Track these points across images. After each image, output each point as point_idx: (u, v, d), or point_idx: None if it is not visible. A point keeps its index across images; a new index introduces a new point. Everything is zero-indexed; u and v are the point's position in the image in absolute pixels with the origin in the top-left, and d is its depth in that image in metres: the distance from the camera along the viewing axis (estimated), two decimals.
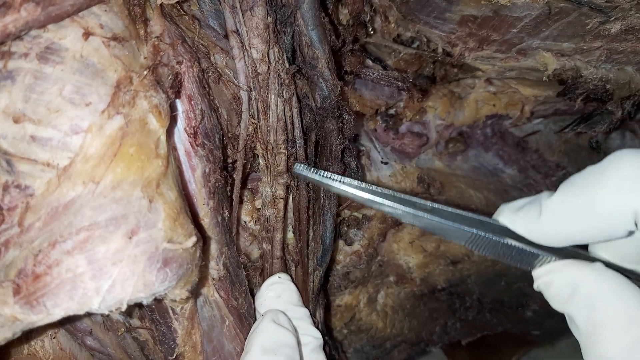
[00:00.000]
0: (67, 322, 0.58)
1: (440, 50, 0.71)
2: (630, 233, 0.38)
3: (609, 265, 0.42)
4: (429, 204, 0.47)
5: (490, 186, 0.86)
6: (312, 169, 0.53)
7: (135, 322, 0.54)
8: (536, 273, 0.44)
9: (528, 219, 0.42)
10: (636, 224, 0.37)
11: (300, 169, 0.52)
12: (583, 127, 0.77)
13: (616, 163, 0.37)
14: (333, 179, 0.50)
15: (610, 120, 0.73)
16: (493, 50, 0.68)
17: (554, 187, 0.86)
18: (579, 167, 0.92)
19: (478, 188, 0.84)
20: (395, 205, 0.47)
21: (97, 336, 0.58)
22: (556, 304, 0.43)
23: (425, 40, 0.71)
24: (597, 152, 0.92)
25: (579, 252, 0.43)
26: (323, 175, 0.51)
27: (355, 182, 0.50)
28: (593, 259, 0.43)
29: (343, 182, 0.50)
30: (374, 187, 0.50)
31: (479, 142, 0.88)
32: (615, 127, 0.75)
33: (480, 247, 0.45)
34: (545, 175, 0.89)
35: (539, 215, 0.41)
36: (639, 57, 0.64)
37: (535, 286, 0.45)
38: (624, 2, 0.56)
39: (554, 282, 0.42)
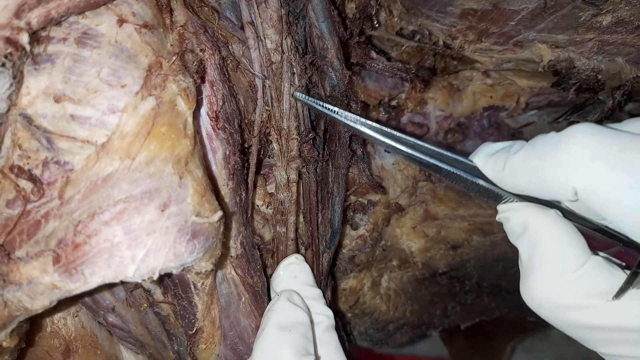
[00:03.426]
0: (90, 299, 0.61)
1: (441, 43, 0.74)
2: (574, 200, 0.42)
3: (566, 212, 0.46)
4: (411, 139, 0.52)
5: None
6: (312, 99, 0.58)
7: (159, 296, 0.57)
8: (499, 208, 0.49)
9: (495, 167, 0.46)
10: (576, 195, 0.40)
11: (302, 97, 0.59)
12: (576, 117, 0.81)
13: (569, 139, 0.40)
14: (331, 110, 0.56)
15: (602, 110, 0.77)
16: (491, 42, 0.72)
17: None
18: None
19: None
20: (381, 137, 0.52)
21: (119, 313, 0.61)
22: (511, 237, 0.48)
23: (427, 33, 0.74)
24: None
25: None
26: (323, 106, 0.57)
27: (350, 115, 0.55)
28: (551, 206, 0.46)
29: (338, 113, 0.56)
30: (365, 121, 0.54)
31: (476, 133, 0.91)
32: (606, 116, 0.79)
33: (454, 181, 0.50)
34: None
35: (503, 168, 0.45)
36: (628, 49, 0.68)
37: (497, 217, 0.50)
38: None
39: (510, 219, 0.47)
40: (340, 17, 0.68)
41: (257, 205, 0.68)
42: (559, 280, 0.43)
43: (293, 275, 0.63)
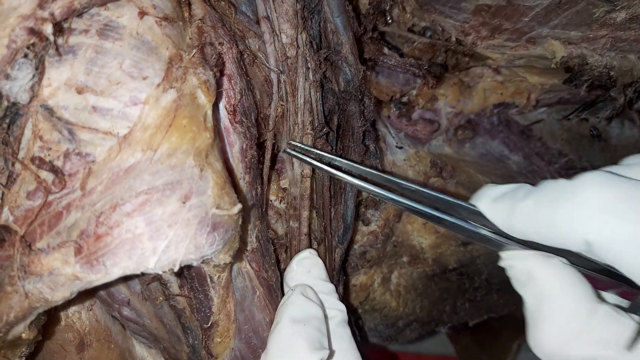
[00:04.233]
0: (105, 293, 0.61)
1: (453, 39, 0.74)
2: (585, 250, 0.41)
3: (571, 255, 0.45)
4: (413, 186, 0.52)
5: (497, 172, 0.90)
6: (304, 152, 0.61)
7: (175, 289, 0.57)
8: (502, 254, 0.49)
9: (501, 213, 0.45)
10: (588, 245, 0.39)
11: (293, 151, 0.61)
12: (587, 114, 0.82)
13: (582, 190, 0.39)
14: (320, 162, 0.59)
15: (613, 106, 0.77)
16: (504, 38, 0.72)
17: (557, 174, 0.90)
18: (580, 155, 0.96)
19: (486, 173, 0.88)
20: (377, 190, 0.54)
21: (135, 306, 0.61)
22: (514, 285, 0.47)
23: (439, 29, 0.75)
24: (597, 141, 0.97)
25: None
26: (313, 159, 0.60)
27: (344, 161, 0.58)
28: (554, 254, 0.46)
29: (331, 165, 0.59)
30: (360, 167, 0.56)
31: (486, 130, 0.92)
32: (617, 113, 0.80)
33: (456, 231, 0.50)
34: (548, 162, 0.94)
35: (509, 214, 0.44)
36: None
37: (499, 264, 0.49)
38: None
39: (515, 267, 0.46)
40: (354, 12, 0.68)
41: (271, 200, 0.69)
42: (568, 332, 0.42)
43: (307, 269, 0.63)
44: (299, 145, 0.62)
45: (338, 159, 0.60)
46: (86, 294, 0.62)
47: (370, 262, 0.82)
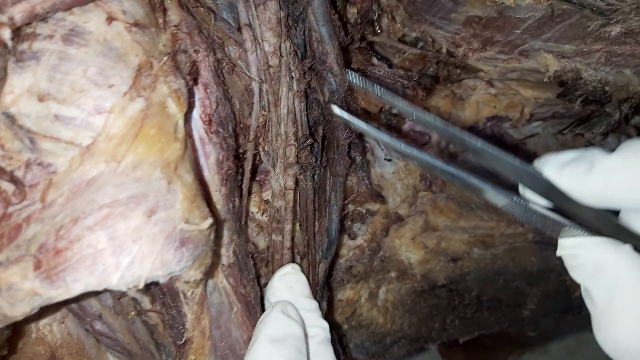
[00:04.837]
0: (76, 306, 0.59)
1: (444, 50, 0.73)
2: None
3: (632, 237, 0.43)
4: (479, 143, 0.48)
5: None
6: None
7: (147, 305, 0.55)
8: (563, 242, 0.45)
9: (575, 173, 0.42)
10: None
11: (339, 110, 0.55)
12: (582, 129, 0.79)
13: None
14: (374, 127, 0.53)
15: (608, 122, 0.75)
16: (496, 51, 0.70)
17: None
18: None
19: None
20: (435, 161, 0.50)
21: (107, 320, 0.59)
22: (577, 276, 0.44)
23: (430, 40, 0.73)
24: None
25: (611, 222, 0.44)
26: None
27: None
28: (623, 239, 0.43)
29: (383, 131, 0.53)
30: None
31: None
32: (612, 129, 0.78)
33: (514, 212, 0.46)
34: None
35: (588, 171, 0.41)
36: (637, 60, 0.67)
37: (558, 253, 0.46)
38: (624, 5, 0.58)
39: (580, 256, 0.43)
40: (341, 21, 0.66)
41: (252, 213, 0.67)
42: None
43: (289, 285, 0.61)
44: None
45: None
46: (57, 307, 0.60)
47: (356, 277, 0.80)
